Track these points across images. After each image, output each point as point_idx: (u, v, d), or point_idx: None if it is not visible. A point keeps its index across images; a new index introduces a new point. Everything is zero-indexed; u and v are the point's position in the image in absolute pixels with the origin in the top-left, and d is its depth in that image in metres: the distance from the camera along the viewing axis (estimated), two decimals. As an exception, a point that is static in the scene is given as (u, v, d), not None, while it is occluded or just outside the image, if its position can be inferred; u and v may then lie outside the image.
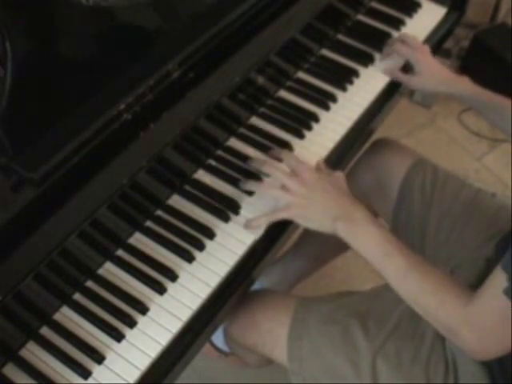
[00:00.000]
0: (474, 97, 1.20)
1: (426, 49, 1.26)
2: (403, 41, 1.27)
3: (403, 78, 1.26)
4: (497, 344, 0.85)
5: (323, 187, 0.98)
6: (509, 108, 1.14)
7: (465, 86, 1.21)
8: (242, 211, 1.01)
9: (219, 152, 1.08)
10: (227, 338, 1.28)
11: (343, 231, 0.95)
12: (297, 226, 1.10)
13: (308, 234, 1.47)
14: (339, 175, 1.02)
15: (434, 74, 1.23)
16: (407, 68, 1.28)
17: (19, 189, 0.79)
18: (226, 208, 1.00)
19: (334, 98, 1.20)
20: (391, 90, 1.27)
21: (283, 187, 0.98)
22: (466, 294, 0.87)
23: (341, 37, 1.32)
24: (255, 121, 1.14)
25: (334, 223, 0.95)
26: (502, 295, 0.80)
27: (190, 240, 0.96)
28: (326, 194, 0.97)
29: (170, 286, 0.92)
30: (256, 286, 1.21)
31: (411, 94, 2.23)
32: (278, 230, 1.03)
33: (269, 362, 1.24)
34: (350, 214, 0.95)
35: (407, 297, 0.92)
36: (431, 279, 0.90)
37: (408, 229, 1.24)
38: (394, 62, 1.28)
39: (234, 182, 1.04)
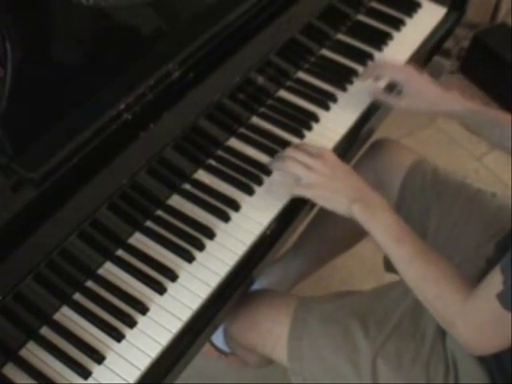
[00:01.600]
0: (469, 113, 1.13)
1: (411, 67, 1.20)
2: (384, 65, 1.21)
3: (391, 100, 1.19)
4: (491, 341, 0.87)
5: (344, 170, 1.02)
6: (507, 122, 1.10)
7: (458, 102, 1.14)
8: (242, 211, 1.01)
9: (219, 152, 1.08)
10: (227, 337, 1.28)
11: (359, 213, 0.97)
12: (296, 226, 1.10)
13: (308, 234, 1.47)
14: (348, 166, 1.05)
15: (425, 93, 1.16)
16: (392, 88, 1.22)
17: (19, 189, 0.79)
18: (226, 208, 1.01)
19: (334, 98, 1.20)
20: (391, 90, 1.26)
21: (307, 167, 1.01)
22: (466, 289, 0.88)
23: (341, 37, 1.32)
24: (255, 121, 1.14)
25: (351, 205, 0.97)
26: (495, 298, 0.81)
27: (190, 240, 0.96)
28: (347, 176, 1.01)
29: (170, 286, 0.92)
30: (256, 285, 1.21)
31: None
32: (277, 230, 1.03)
33: (269, 362, 1.24)
34: (368, 197, 0.98)
35: (410, 282, 0.94)
36: (436, 269, 0.92)
37: (408, 229, 1.24)
38: (363, 95, 1.21)
39: (234, 182, 1.04)
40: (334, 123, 1.17)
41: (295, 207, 1.05)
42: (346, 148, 1.17)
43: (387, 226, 0.96)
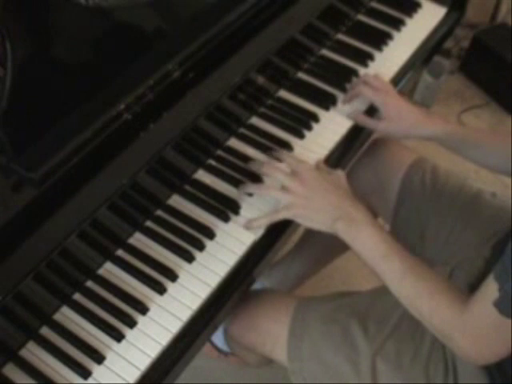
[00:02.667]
0: (450, 136, 1.12)
1: (391, 88, 1.18)
2: (365, 82, 1.18)
3: (369, 123, 1.17)
4: (490, 350, 0.86)
5: (324, 187, 0.98)
6: (488, 141, 1.10)
7: (437, 126, 1.13)
8: (242, 211, 1.01)
9: (219, 152, 1.08)
10: (227, 338, 1.28)
11: (343, 231, 0.95)
12: (297, 226, 1.10)
13: (309, 235, 1.47)
14: (340, 174, 1.03)
15: (403, 116, 1.14)
16: (372, 111, 1.19)
17: (19, 189, 0.79)
18: (226, 208, 1.00)
19: (334, 99, 1.20)
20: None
21: (283, 187, 0.98)
22: (460, 300, 0.87)
23: (341, 37, 1.32)
24: (255, 121, 1.14)
25: (334, 223, 0.95)
26: (493, 306, 0.80)
27: (190, 240, 0.96)
28: (327, 194, 0.98)
29: (170, 286, 0.92)
30: (257, 285, 1.21)
31: (411, 93, 2.24)
32: (277, 231, 1.02)
33: (269, 361, 1.24)
34: (351, 214, 0.96)
35: (403, 299, 0.93)
36: (427, 284, 0.90)
37: (408, 229, 1.24)
38: (358, 105, 1.19)
39: (234, 182, 1.04)
40: (334, 123, 1.16)
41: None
42: (346, 148, 1.17)
43: (373, 243, 0.93)
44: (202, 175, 1.05)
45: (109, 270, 0.93)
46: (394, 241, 0.94)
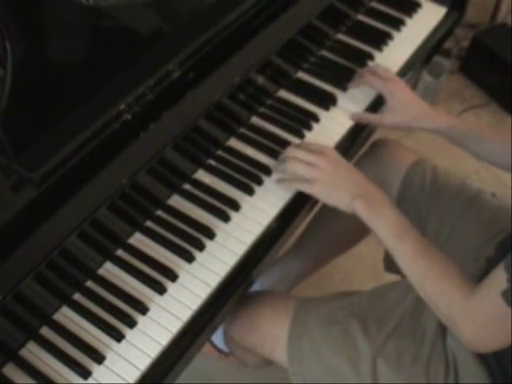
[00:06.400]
0: (454, 130, 1.13)
1: (398, 79, 1.19)
2: (374, 72, 1.19)
3: (374, 118, 1.18)
4: (493, 338, 0.87)
5: (346, 166, 1.03)
6: (492, 137, 1.11)
7: (442, 119, 1.14)
8: (242, 211, 1.01)
9: (219, 152, 1.08)
10: (227, 339, 1.28)
11: (361, 209, 0.97)
12: (297, 226, 1.10)
13: (308, 234, 1.47)
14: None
15: (409, 107, 1.15)
16: (377, 106, 1.21)
17: (19, 189, 0.79)
18: (225, 208, 1.01)
19: (333, 98, 1.20)
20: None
21: (309, 163, 1.01)
22: (469, 287, 0.88)
23: (341, 37, 1.32)
24: (255, 121, 1.14)
25: (353, 201, 0.98)
26: (500, 296, 0.81)
27: (190, 240, 0.96)
28: (349, 173, 1.02)
29: (170, 286, 0.92)
30: (256, 286, 1.21)
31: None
32: (277, 230, 1.03)
33: (268, 363, 1.24)
34: (371, 194, 0.99)
35: (413, 279, 0.95)
36: (438, 267, 0.92)
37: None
38: (359, 104, 1.20)
39: (234, 182, 1.04)
40: (334, 123, 1.16)
41: (295, 207, 1.05)
42: (346, 148, 1.17)
43: (390, 223, 0.96)
44: (202, 175, 1.05)
45: (109, 269, 0.93)
46: (409, 223, 0.96)
